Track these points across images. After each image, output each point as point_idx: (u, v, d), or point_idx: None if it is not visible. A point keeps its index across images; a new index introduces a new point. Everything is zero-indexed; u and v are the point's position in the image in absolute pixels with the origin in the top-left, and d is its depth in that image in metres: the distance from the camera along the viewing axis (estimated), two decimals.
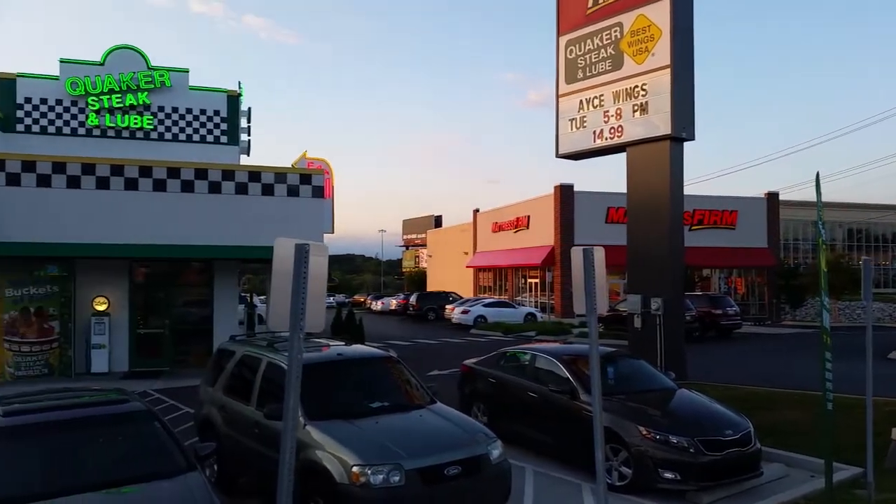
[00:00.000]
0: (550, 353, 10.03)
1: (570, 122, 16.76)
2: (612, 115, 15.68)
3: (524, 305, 39.31)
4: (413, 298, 43.46)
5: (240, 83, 23.94)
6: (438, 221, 74.64)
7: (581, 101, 16.50)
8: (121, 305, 17.78)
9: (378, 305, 50.17)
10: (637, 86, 15.13)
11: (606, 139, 15.86)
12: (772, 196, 42.80)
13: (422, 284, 63.03)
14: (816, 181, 7.37)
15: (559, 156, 17.16)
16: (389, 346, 22.13)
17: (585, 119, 16.38)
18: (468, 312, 34.24)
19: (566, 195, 38.69)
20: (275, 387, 7.25)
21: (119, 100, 21.71)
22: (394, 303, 47.55)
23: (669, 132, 14.47)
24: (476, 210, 52.38)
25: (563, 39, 17.17)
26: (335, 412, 6.81)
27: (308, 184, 17.08)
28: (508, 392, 10.20)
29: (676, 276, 15.12)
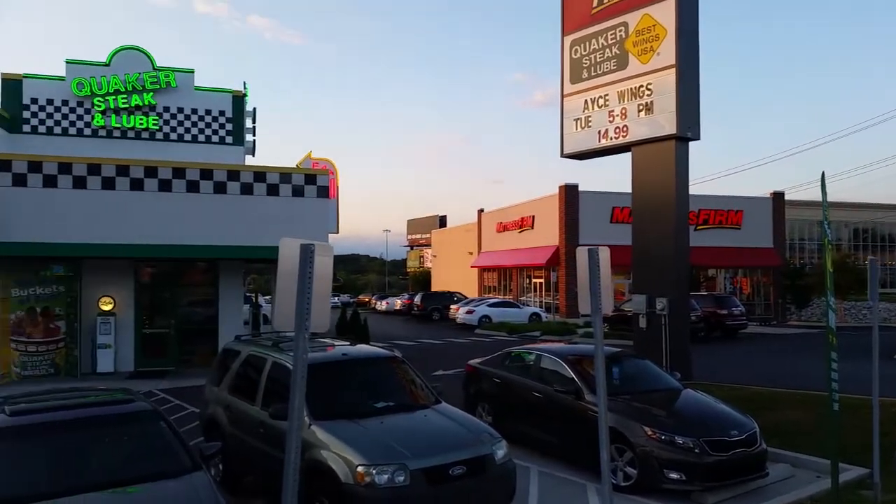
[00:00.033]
0: (555, 354, 10.02)
1: (575, 122, 16.73)
2: (618, 115, 15.65)
3: (529, 305, 39.28)
4: (417, 298, 43.44)
5: (245, 84, 23.99)
6: (443, 221, 74.63)
7: (586, 101, 16.47)
8: (126, 305, 17.85)
9: (382, 305, 50.20)
10: (642, 85, 15.10)
11: (611, 139, 15.83)
12: (777, 196, 42.69)
13: (426, 284, 63.02)
14: (822, 181, 7.36)
15: (564, 155, 17.13)
16: (394, 346, 22.13)
17: (590, 119, 16.35)
18: (473, 312, 34.23)
19: (571, 195, 38.65)
20: (280, 386, 7.26)
21: (125, 100, 21.78)
22: (398, 303, 47.56)
23: (675, 132, 14.43)
24: (481, 210, 52.36)
25: (568, 39, 17.14)
26: (340, 412, 6.82)
27: (313, 184, 17.10)
28: (513, 392, 10.20)
29: (682, 276, 15.08)
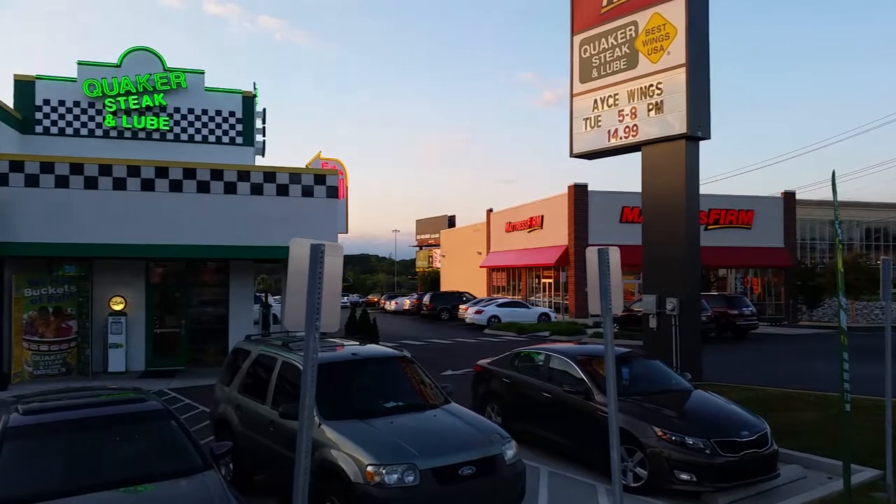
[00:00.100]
0: (565, 354, 9.99)
1: (585, 122, 16.69)
2: (627, 115, 15.60)
3: (538, 305, 39.23)
4: (426, 298, 43.46)
5: (255, 84, 24.07)
6: (452, 221, 74.63)
7: (595, 101, 16.42)
8: (137, 305, 17.96)
9: (392, 305, 50.26)
10: (652, 85, 15.04)
11: (621, 138, 15.77)
12: (788, 195, 42.42)
13: (435, 284, 63.03)
14: (832, 180, 7.31)
15: (573, 155, 17.09)
16: (403, 346, 22.17)
17: (600, 118, 16.30)
18: (482, 312, 34.21)
19: (580, 195, 38.55)
20: (290, 386, 7.29)
21: (135, 101, 21.88)
22: (407, 303, 47.62)
23: (685, 131, 14.36)
24: (489, 210, 52.33)
25: (578, 38, 17.09)
26: (350, 412, 6.83)
27: (322, 184, 17.13)
28: (522, 392, 10.18)
29: (692, 276, 15.01)
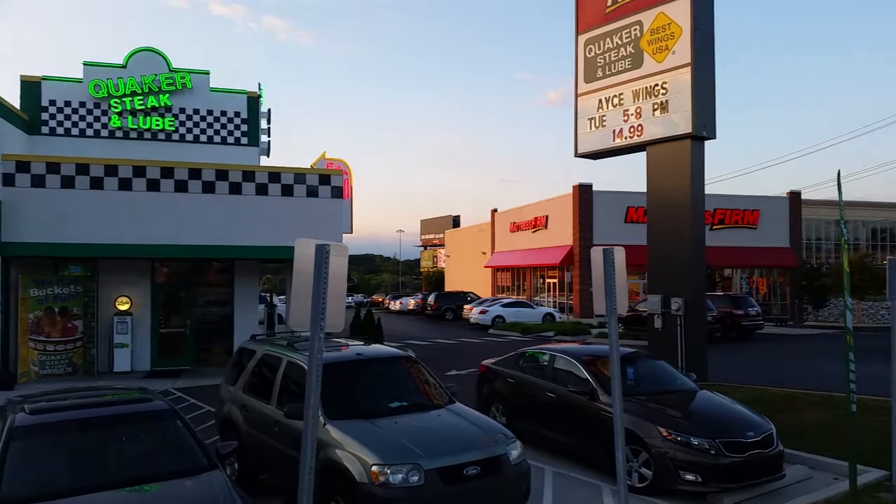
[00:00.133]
0: (570, 354, 9.97)
1: (590, 122, 16.66)
2: (632, 114, 15.57)
3: (542, 305, 39.19)
4: (431, 298, 43.48)
5: (259, 85, 24.11)
6: (456, 221, 74.67)
7: (600, 100, 16.39)
8: (143, 305, 18.02)
9: (396, 305, 50.30)
10: (657, 84, 15.01)
11: (626, 138, 15.74)
12: (794, 195, 42.32)
13: (440, 284, 63.07)
14: (838, 179, 7.28)
15: (578, 155, 17.06)
16: (408, 346, 22.16)
17: (605, 118, 16.28)
18: (486, 312, 34.21)
19: (585, 195, 38.52)
20: (295, 386, 7.30)
21: (141, 101, 21.93)
22: (412, 303, 47.64)
23: (690, 131, 14.32)
24: (494, 210, 52.30)
25: (582, 38, 17.07)
26: (354, 411, 6.84)
27: (327, 184, 17.15)
28: (527, 392, 10.18)
29: (698, 277, 14.96)
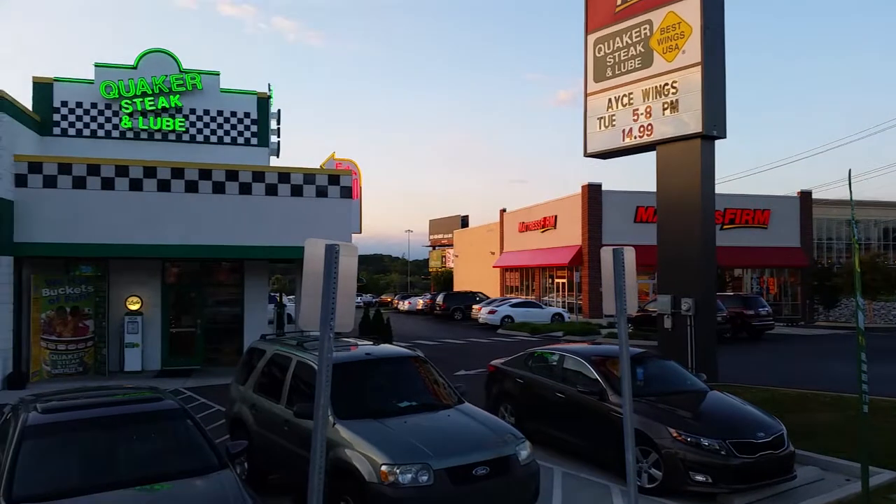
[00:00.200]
0: (579, 354, 9.96)
1: (599, 121, 16.63)
2: (642, 114, 15.52)
3: (551, 305, 39.13)
4: (440, 298, 43.46)
5: (269, 85, 24.21)
6: (465, 221, 74.63)
7: (610, 100, 16.35)
8: (153, 305, 18.12)
9: (405, 305, 50.31)
10: (667, 83, 14.96)
11: (636, 138, 15.70)
12: (805, 195, 42.05)
13: (448, 284, 63.05)
14: (849, 179, 7.23)
15: (587, 155, 17.03)
16: (417, 346, 22.19)
17: (614, 118, 16.23)
18: (495, 312, 34.17)
19: (594, 194, 38.41)
20: (304, 385, 7.32)
21: (151, 102, 22.04)
22: (420, 302, 47.64)
23: (700, 130, 14.27)
24: (503, 210, 52.25)
25: (592, 38, 17.03)
26: (364, 411, 6.85)
27: (336, 184, 17.19)
28: (536, 393, 10.16)
29: (708, 277, 14.90)
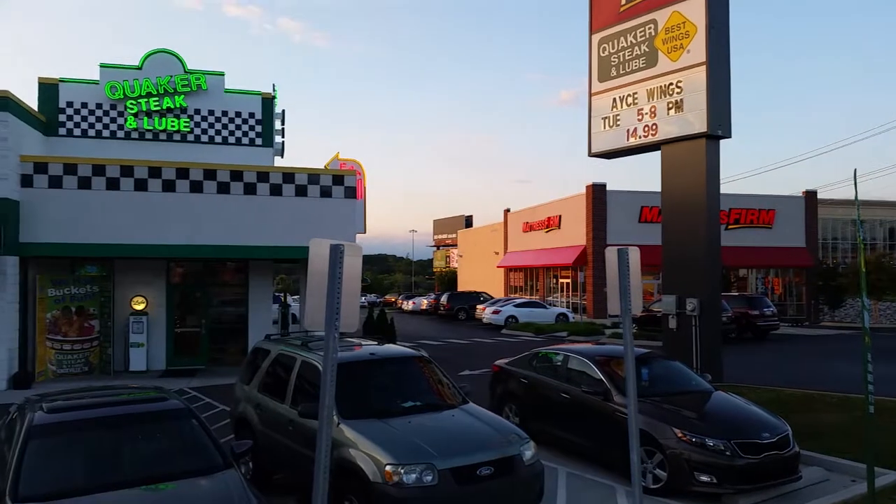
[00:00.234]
0: (583, 354, 9.94)
1: (603, 121, 16.60)
2: (647, 114, 15.50)
3: (555, 306, 39.08)
4: (444, 298, 43.48)
5: (274, 86, 24.19)
6: (469, 221, 74.65)
7: (614, 100, 16.33)
8: (158, 305, 18.16)
9: (409, 305, 50.35)
10: (672, 83, 14.93)
11: (640, 137, 15.67)
12: (810, 194, 41.90)
13: (452, 284, 63.08)
14: (854, 178, 7.21)
15: (592, 154, 17.01)
16: (421, 346, 22.18)
17: (619, 117, 16.21)
18: (499, 312, 34.16)
19: (598, 194, 38.36)
20: (309, 385, 7.33)
21: (156, 103, 22.09)
22: (425, 302, 47.67)
23: (705, 130, 14.24)
24: (507, 210, 52.24)
25: (596, 37, 17.01)
26: (368, 411, 6.86)
27: (340, 184, 17.21)
28: (540, 393, 10.15)
29: (713, 277, 14.87)
